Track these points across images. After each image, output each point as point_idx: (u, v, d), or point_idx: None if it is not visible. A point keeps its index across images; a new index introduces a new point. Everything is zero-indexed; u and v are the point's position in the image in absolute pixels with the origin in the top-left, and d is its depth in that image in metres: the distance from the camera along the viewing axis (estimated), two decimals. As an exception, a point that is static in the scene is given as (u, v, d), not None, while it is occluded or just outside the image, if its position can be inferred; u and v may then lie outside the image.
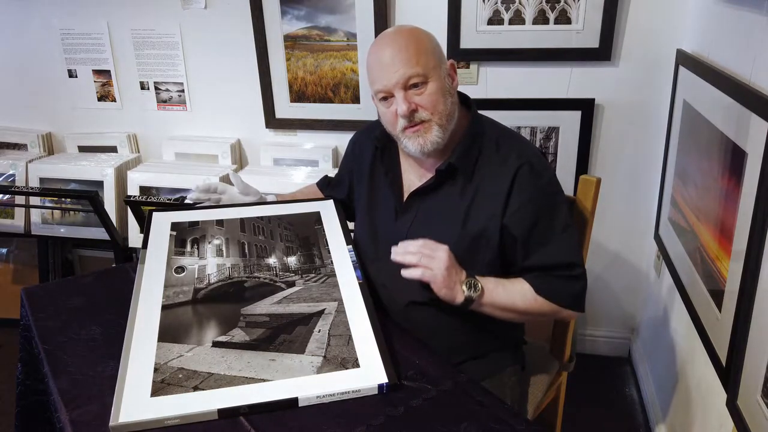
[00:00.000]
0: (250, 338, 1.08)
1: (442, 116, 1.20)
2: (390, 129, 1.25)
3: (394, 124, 1.21)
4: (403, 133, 1.22)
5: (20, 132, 2.58)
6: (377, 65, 1.20)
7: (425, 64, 1.17)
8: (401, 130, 1.21)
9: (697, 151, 1.59)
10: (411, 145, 1.22)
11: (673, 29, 1.88)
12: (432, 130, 1.20)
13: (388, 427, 0.94)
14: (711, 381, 1.38)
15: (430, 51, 1.20)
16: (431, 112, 1.19)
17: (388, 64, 1.17)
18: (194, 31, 2.26)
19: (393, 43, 1.19)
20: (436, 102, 1.19)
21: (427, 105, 1.18)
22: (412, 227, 1.28)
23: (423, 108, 1.18)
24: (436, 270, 1.13)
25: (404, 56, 1.16)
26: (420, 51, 1.17)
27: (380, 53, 1.19)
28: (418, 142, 1.21)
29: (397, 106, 1.18)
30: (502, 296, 1.20)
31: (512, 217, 1.21)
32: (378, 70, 1.20)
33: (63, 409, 0.98)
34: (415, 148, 1.21)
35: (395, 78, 1.16)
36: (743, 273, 1.19)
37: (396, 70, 1.16)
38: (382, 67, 1.18)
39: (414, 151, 1.23)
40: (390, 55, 1.17)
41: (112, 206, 2.34)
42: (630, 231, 2.17)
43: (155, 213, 1.41)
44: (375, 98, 1.24)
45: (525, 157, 1.22)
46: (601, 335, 2.36)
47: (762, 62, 1.21)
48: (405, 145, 1.24)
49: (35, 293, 1.34)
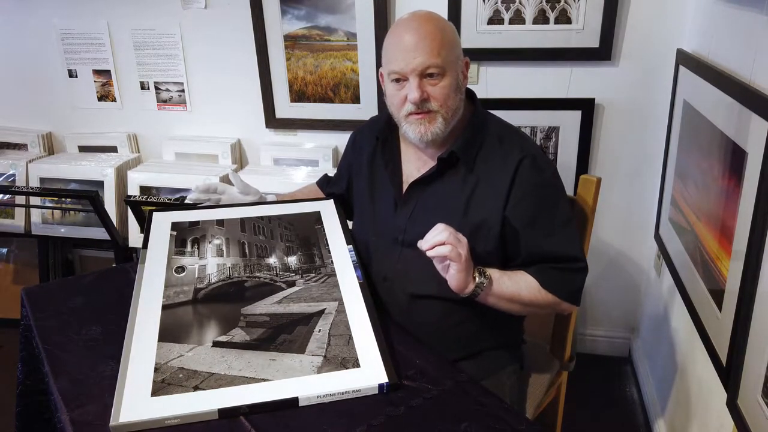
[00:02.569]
0: (251, 338, 1.08)
1: (449, 110, 1.21)
2: (394, 111, 1.25)
3: (399, 107, 1.22)
4: (406, 118, 1.22)
5: (20, 132, 2.58)
6: (398, 46, 1.19)
7: (446, 57, 1.18)
8: (406, 114, 1.22)
9: (698, 150, 1.59)
10: (411, 132, 1.23)
11: (673, 29, 1.88)
12: (436, 122, 1.21)
13: (388, 427, 0.94)
14: (711, 381, 1.38)
15: (453, 44, 1.21)
16: (441, 104, 1.20)
17: (410, 49, 1.17)
18: (194, 31, 2.26)
19: (419, 29, 1.18)
20: (448, 96, 1.20)
21: (439, 97, 1.19)
22: (411, 217, 1.29)
23: (434, 99, 1.19)
24: (461, 251, 1.12)
25: (428, 45, 1.16)
26: (444, 43, 1.18)
27: (404, 35, 1.19)
28: (419, 129, 1.21)
29: (409, 92, 1.18)
30: (508, 286, 1.20)
31: (514, 209, 1.21)
32: (398, 51, 1.19)
33: (63, 409, 0.98)
34: (415, 135, 1.22)
35: (414, 64, 1.17)
36: (743, 273, 1.19)
37: (417, 56, 1.16)
38: (404, 49, 1.18)
39: (413, 138, 1.24)
40: (414, 40, 1.17)
41: (112, 206, 2.34)
42: (630, 231, 2.17)
43: (155, 213, 1.41)
44: (386, 77, 1.25)
45: (527, 150, 1.23)
46: (601, 335, 2.36)
47: (762, 62, 1.21)
48: (405, 130, 1.25)
49: (35, 293, 1.34)
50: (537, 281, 1.21)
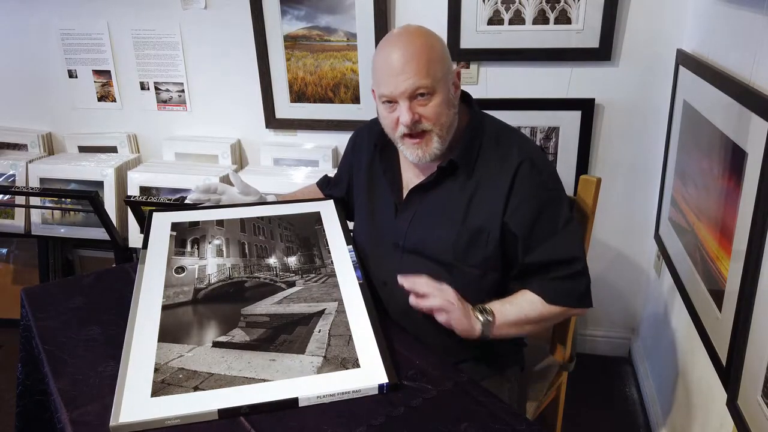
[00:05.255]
0: (251, 338, 1.08)
1: (443, 128, 1.20)
2: (389, 132, 1.25)
3: (393, 129, 1.21)
4: (402, 140, 1.22)
5: (20, 132, 2.58)
6: (386, 69, 1.17)
7: (434, 75, 1.15)
8: (401, 136, 1.21)
9: (698, 151, 1.59)
10: (409, 155, 1.23)
11: (673, 29, 1.88)
12: (432, 142, 1.20)
13: (388, 427, 0.94)
14: (711, 381, 1.38)
15: (441, 60, 1.18)
16: (433, 122, 1.18)
17: (398, 71, 1.14)
18: (194, 31, 2.26)
19: (406, 50, 1.15)
20: (440, 114, 1.18)
21: (431, 116, 1.18)
22: (412, 223, 1.28)
23: (426, 119, 1.18)
24: (448, 304, 1.13)
25: (415, 66, 1.14)
26: (431, 61, 1.15)
27: (391, 56, 1.16)
28: (417, 153, 1.21)
29: (401, 115, 1.17)
30: (513, 312, 1.20)
31: (513, 214, 1.21)
32: (386, 75, 1.17)
33: (63, 409, 0.98)
34: (414, 158, 1.22)
35: (403, 87, 1.14)
36: (743, 273, 1.19)
37: (405, 79, 1.14)
38: (392, 72, 1.15)
39: (412, 160, 1.24)
40: (401, 61, 1.14)
41: (112, 206, 2.34)
42: (630, 231, 2.17)
43: (155, 213, 1.41)
44: (377, 98, 1.24)
45: (525, 153, 1.23)
46: (601, 335, 2.36)
47: (762, 62, 1.21)
48: (402, 151, 1.25)
49: (35, 293, 1.34)
50: (540, 297, 1.21)
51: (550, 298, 1.21)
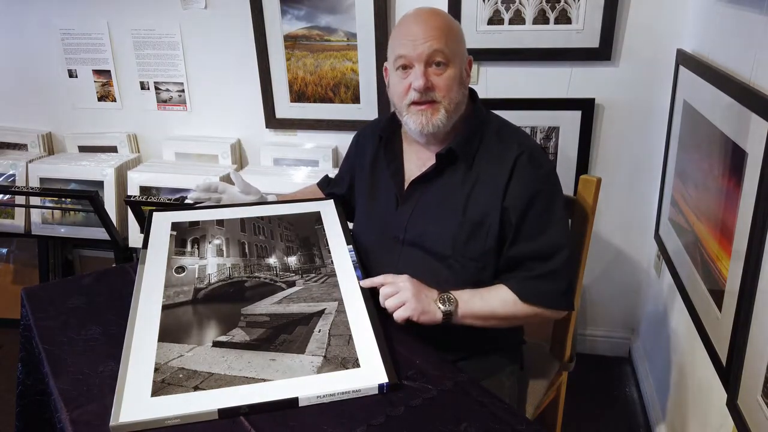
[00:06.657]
0: (251, 338, 1.08)
1: (451, 102, 1.22)
2: (396, 100, 1.26)
3: (403, 96, 1.23)
4: (408, 108, 1.23)
5: (20, 132, 2.58)
6: (406, 33, 1.21)
7: (452, 49, 1.20)
8: (408, 104, 1.22)
9: (698, 150, 1.59)
10: (413, 122, 1.23)
11: (673, 29, 1.88)
12: (438, 113, 1.21)
13: (388, 427, 0.94)
14: (711, 381, 1.38)
15: (459, 39, 1.24)
16: (444, 94, 1.21)
17: (419, 35, 1.19)
18: (194, 31, 2.26)
19: (428, 21, 1.20)
20: (451, 87, 1.21)
21: (443, 87, 1.20)
22: (412, 216, 1.29)
23: (438, 88, 1.20)
24: (405, 300, 1.13)
25: (436, 33, 1.19)
26: (451, 35, 1.21)
27: (413, 23, 1.21)
28: (420, 120, 1.22)
29: (414, 79, 1.19)
30: (479, 305, 1.20)
31: (511, 199, 1.21)
32: (405, 37, 1.21)
33: (63, 409, 0.98)
34: (416, 126, 1.23)
35: (422, 48, 1.18)
36: (743, 273, 1.19)
37: (425, 41, 1.18)
38: (412, 35, 1.20)
39: (413, 129, 1.24)
40: (423, 27, 1.19)
41: (112, 206, 2.34)
42: (630, 231, 2.17)
43: (155, 213, 1.41)
44: (390, 68, 1.26)
45: (525, 146, 1.24)
46: (601, 335, 2.36)
47: (762, 62, 1.21)
48: (406, 122, 1.25)
49: (35, 293, 1.34)
50: (515, 295, 1.21)
51: (525, 296, 1.21)
